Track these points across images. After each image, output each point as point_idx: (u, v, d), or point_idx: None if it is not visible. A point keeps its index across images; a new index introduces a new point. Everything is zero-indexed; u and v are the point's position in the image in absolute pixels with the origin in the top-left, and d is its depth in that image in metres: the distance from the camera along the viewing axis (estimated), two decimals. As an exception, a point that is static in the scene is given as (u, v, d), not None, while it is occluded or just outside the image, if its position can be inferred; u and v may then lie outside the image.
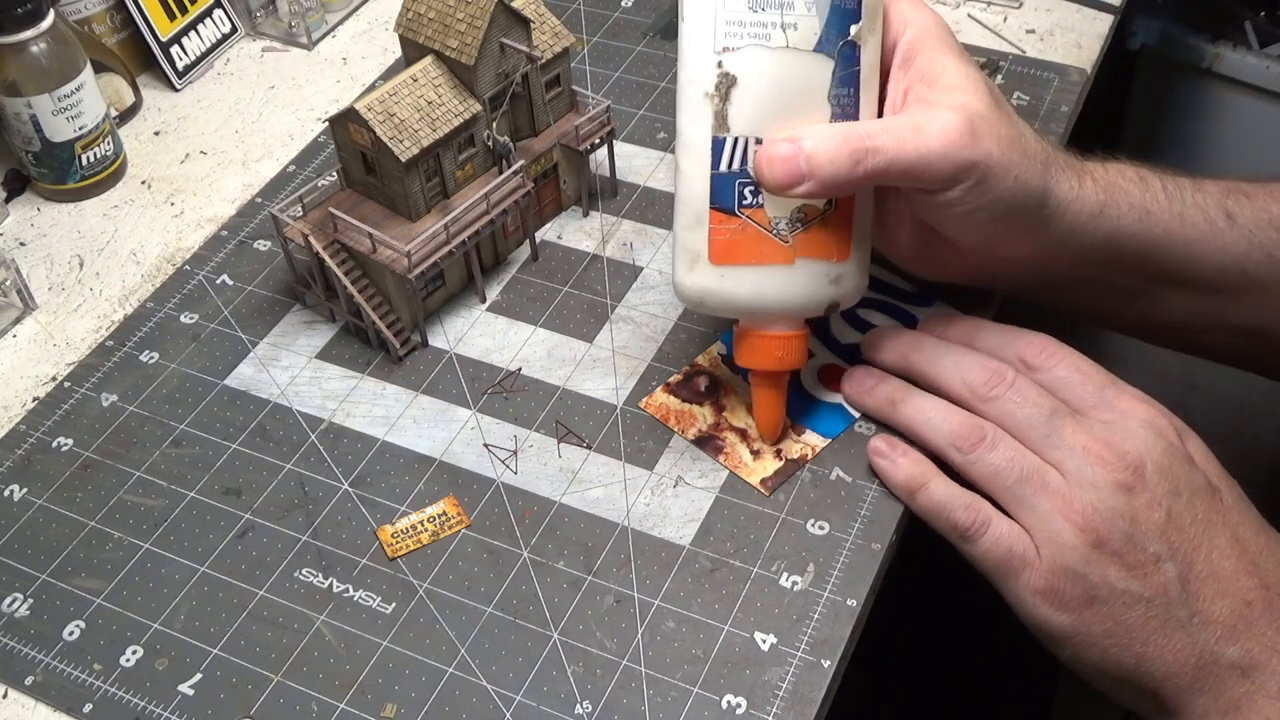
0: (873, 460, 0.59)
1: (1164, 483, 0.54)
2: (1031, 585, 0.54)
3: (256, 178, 0.80)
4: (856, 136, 0.53)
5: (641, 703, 0.53)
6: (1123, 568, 0.53)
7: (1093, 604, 0.53)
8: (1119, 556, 0.53)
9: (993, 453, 0.56)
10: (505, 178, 0.68)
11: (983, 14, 0.88)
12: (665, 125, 0.81)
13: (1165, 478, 0.54)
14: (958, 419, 0.57)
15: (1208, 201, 0.61)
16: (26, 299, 0.72)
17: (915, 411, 0.59)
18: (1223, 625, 0.53)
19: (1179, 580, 0.53)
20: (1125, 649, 0.53)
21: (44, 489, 0.62)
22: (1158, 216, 0.60)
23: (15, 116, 0.76)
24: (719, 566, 0.57)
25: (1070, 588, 0.53)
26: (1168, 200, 0.60)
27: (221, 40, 0.90)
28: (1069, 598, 0.54)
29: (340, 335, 0.69)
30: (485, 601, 0.56)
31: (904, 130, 0.53)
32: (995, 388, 0.57)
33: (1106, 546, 0.53)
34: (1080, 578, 0.53)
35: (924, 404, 0.59)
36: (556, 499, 0.60)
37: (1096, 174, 0.59)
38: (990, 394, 0.57)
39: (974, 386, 0.58)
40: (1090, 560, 0.53)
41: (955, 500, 0.56)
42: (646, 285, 0.70)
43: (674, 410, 0.64)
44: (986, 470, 0.56)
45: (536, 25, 0.68)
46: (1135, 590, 0.53)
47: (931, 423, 0.58)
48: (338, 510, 0.60)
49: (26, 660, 0.56)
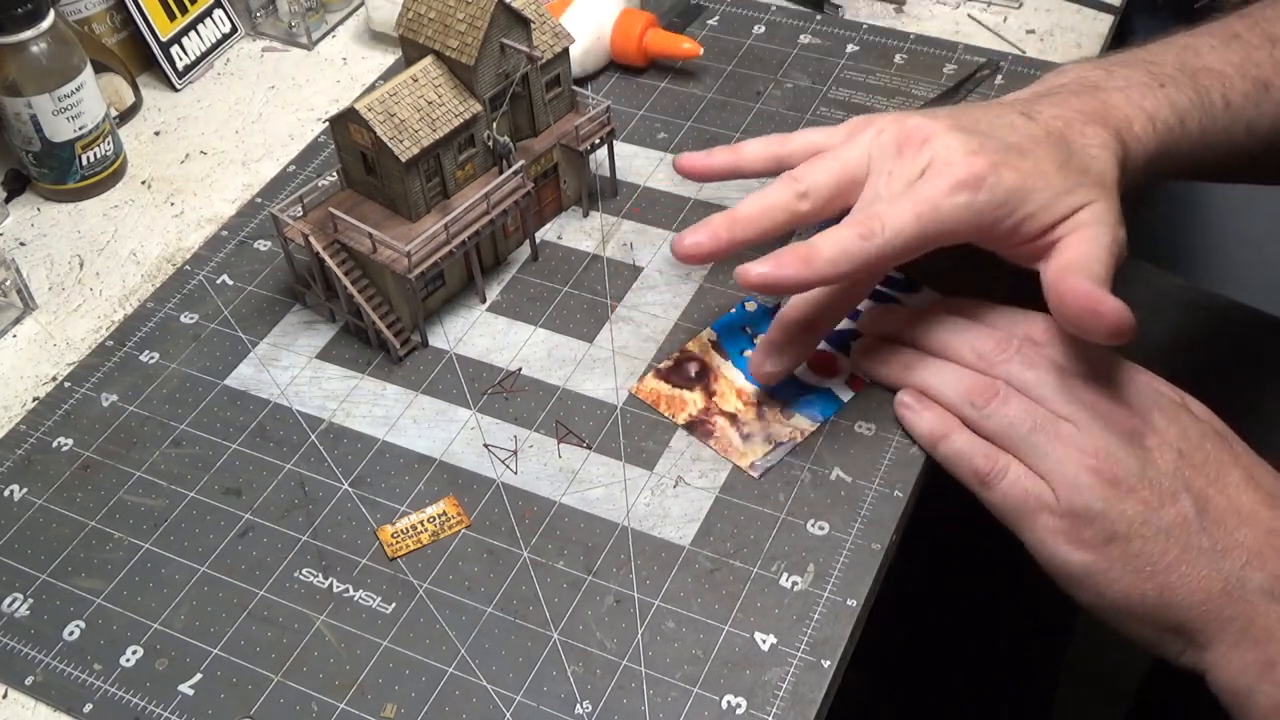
0: (899, 413, 0.61)
1: (1172, 428, 0.56)
2: (1049, 527, 0.55)
3: (256, 178, 0.80)
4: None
5: (641, 703, 0.53)
6: (1139, 502, 0.54)
7: (1112, 540, 0.54)
8: (1134, 492, 0.54)
9: (1006, 406, 0.57)
10: (505, 178, 0.68)
11: (983, 14, 0.88)
12: (665, 125, 0.81)
13: (1173, 424, 0.56)
14: (971, 378, 0.59)
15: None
16: (26, 299, 0.72)
17: (930, 374, 0.60)
18: (1248, 551, 0.53)
19: (1197, 511, 0.54)
20: (1148, 580, 0.54)
21: (44, 489, 0.62)
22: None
23: (15, 116, 0.76)
24: (719, 566, 0.57)
25: (1088, 526, 0.54)
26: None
27: (221, 40, 0.90)
28: (1088, 536, 0.54)
29: (340, 335, 0.69)
30: (485, 601, 0.56)
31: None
32: (1004, 352, 0.59)
33: (1122, 484, 0.54)
34: (1098, 515, 0.54)
35: (938, 366, 0.60)
36: (556, 499, 0.60)
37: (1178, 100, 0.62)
38: (1000, 358, 0.59)
39: (983, 353, 0.59)
40: (1107, 498, 0.54)
41: (976, 449, 0.58)
42: (646, 285, 0.70)
43: (664, 395, 0.64)
44: (1001, 423, 0.57)
45: (536, 25, 0.68)
46: (1154, 522, 0.54)
47: (946, 382, 0.59)
48: (338, 510, 0.60)
49: (26, 660, 0.56)
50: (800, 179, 0.60)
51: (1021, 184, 0.57)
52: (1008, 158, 0.57)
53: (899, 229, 0.56)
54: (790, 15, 0.89)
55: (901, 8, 0.89)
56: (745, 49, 0.86)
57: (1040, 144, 0.58)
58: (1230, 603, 0.53)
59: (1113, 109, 0.61)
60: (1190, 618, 0.53)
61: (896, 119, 0.60)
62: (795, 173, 0.60)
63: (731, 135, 0.79)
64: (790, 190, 0.60)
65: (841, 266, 0.56)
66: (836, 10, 0.89)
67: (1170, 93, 0.63)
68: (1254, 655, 0.52)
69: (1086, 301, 0.54)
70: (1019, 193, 0.57)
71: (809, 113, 0.81)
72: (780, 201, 0.59)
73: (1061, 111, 0.61)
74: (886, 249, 0.56)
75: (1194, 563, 0.53)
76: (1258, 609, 0.53)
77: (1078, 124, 0.60)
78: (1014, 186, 0.57)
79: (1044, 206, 0.57)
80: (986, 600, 0.92)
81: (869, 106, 0.81)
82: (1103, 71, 0.64)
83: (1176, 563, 0.53)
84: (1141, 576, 0.54)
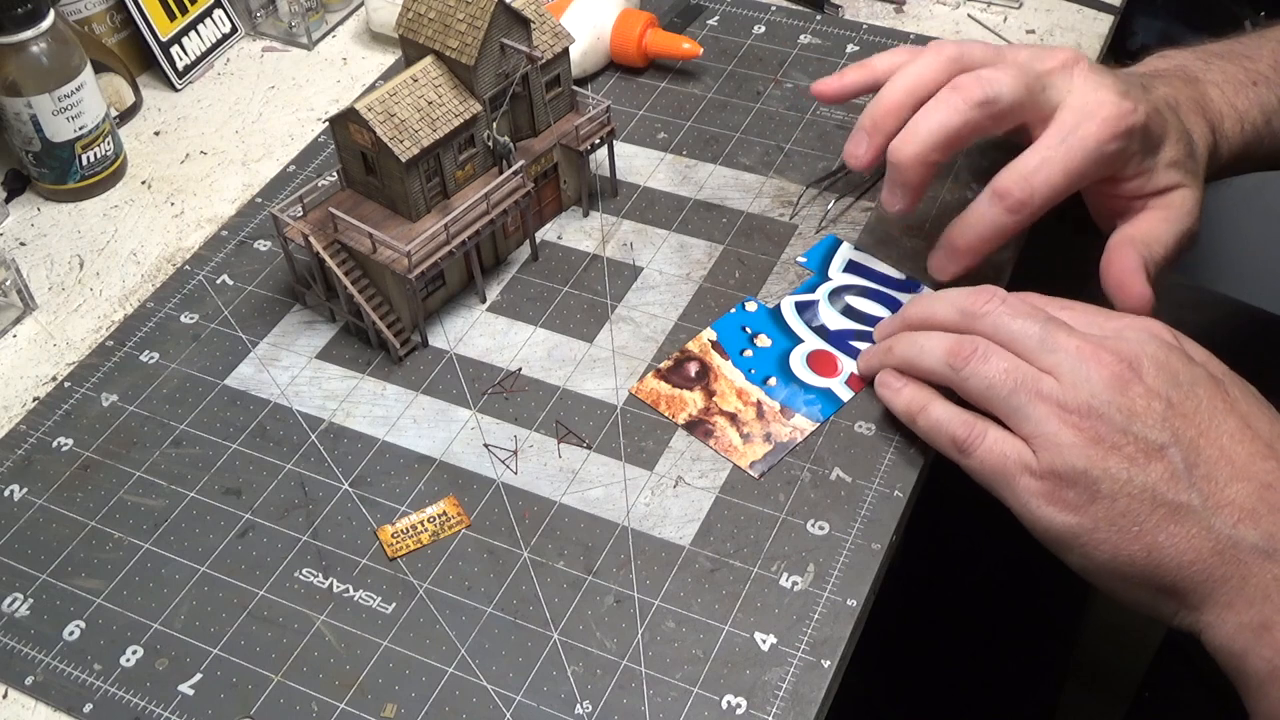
0: (880, 394, 0.61)
1: (1162, 375, 0.53)
2: (1031, 489, 0.54)
3: (256, 178, 0.80)
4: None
5: (641, 703, 0.53)
6: (1123, 459, 0.52)
7: (1096, 500, 0.52)
8: (1118, 449, 0.52)
9: (985, 365, 0.55)
10: (505, 178, 0.68)
11: (983, 14, 0.88)
12: (665, 125, 0.81)
13: (1163, 370, 0.53)
14: (950, 339, 0.58)
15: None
16: (26, 299, 0.72)
17: (909, 344, 0.60)
18: (1240, 508, 0.51)
19: (1185, 466, 0.51)
20: (1135, 541, 0.52)
21: (44, 489, 0.62)
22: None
23: (15, 116, 0.76)
24: (719, 566, 0.57)
25: (1071, 486, 0.52)
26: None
27: (221, 40, 0.90)
28: (1071, 497, 0.53)
29: (340, 335, 0.69)
30: (485, 601, 0.56)
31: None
32: (987, 304, 0.57)
33: (1105, 441, 0.52)
34: (1080, 474, 0.52)
35: (917, 336, 0.60)
36: (556, 499, 0.60)
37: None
38: (983, 310, 0.57)
39: (965, 307, 0.58)
40: (1089, 456, 0.52)
41: (953, 417, 0.57)
42: (646, 285, 0.70)
43: (664, 396, 0.64)
44: (981, 383, 0.56)
45: (536, 25, 0.68)
46: (1139, 480, 0.51)
47: (925, 349, 0.58)
48: (338, 510, 0.60)
49: (26, 660, 0.56)
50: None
51: (1157, 127, 0.59)
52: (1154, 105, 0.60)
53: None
54: (790, 15, 0.89)
55: (901, 8, 0.89)
56: (745, 49, 0.86)
57: (1161, 112, 0.60)
58: (1221, 562, 0.50)
59: (1210, 103, 0.63)
60: (1180, 578, 0.51)
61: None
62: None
63: (732, 135, 0.79)
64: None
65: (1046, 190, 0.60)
66: (836, 10, 0.89)
67: (1261, 92, 0.64)
68: (1248, 617, 0.50)
69: (1122, 275, 0.55)
70: (1153, 134, 0.59)
71: (809, 113, 0.81)
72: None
73: (1173, 91, 0.62)
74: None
75: (1182, 521, 0.51)
76: (1251, 568, 0.50)
77: (1185, 107, 0.61)
78: (1151, 126, 0.59)
79: (1161, 160, 0.59)
80: (987, 600, 0.92)
81: (869, 106, 0.81)
82: (1202, 63, 0.66)
83: (1164, 522, 0.51)
84: (1128, 537, 0.52)
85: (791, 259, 0.71)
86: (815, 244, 0.72)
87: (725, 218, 0.74)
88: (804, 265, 0.70)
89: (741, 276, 0.70)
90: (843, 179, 0.75)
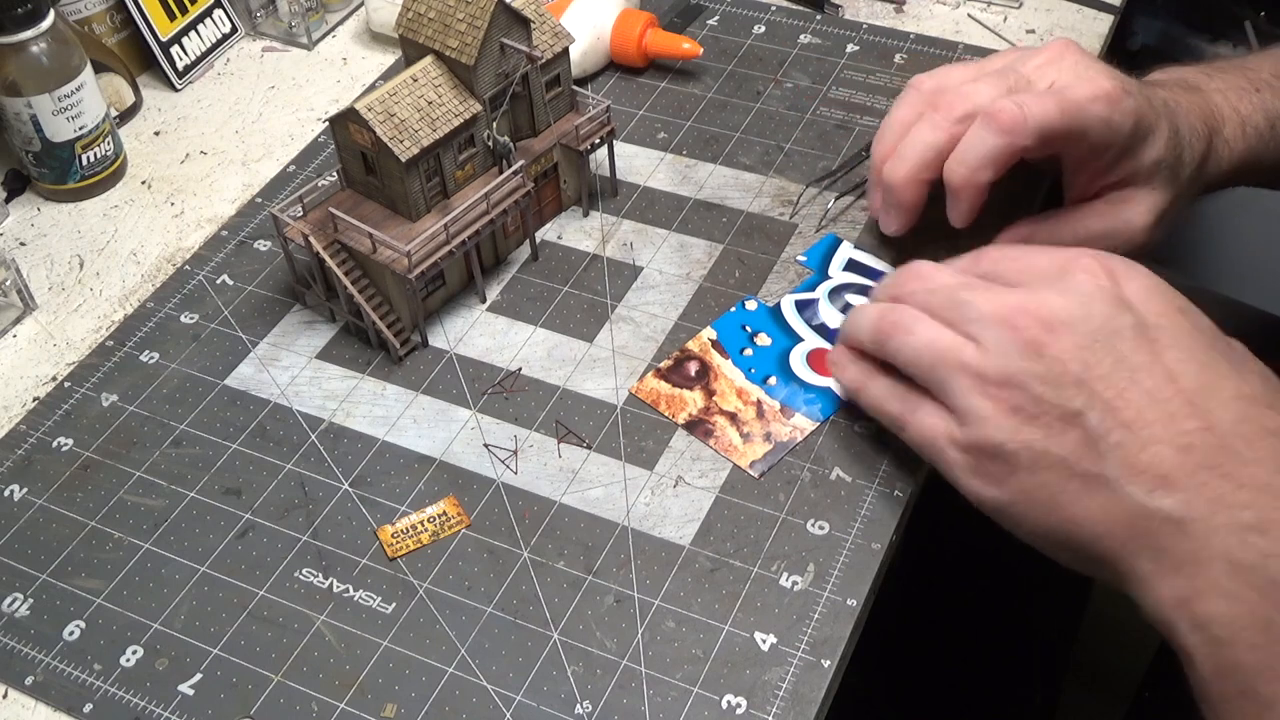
0: (833, 374, 0.62)
1: (1078, 333, 0.51)
2: (958, 463, 0.53)
3: (256, 178, 0.80)
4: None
5: (641, 703, 0.53)
6: (1039, 429, 0.50)
7: (1016, 472, 0.51)
8: (1035, 419, 0.50)
9: (910, 337, 0.55)
10: (505, 178, 0.68)
11: (983, 14, 0.88)
12: (665, 125, 0.81)
13: (1082, 326, 0.51)
14: (878, 313, 0.57)
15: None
16: (26, 299, 0.72)
17: (847, 324, 0.60)
18: (1153, 475, 0.48)
19: (1101, 432, 0.49)
20: (1051, 514, 0.51)
21: (44, 489, 0.62)
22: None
23: (15, 116, 0.76)
24: (719, 566, 0.57)
25: (992, 459, 0.52)
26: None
27: (221, 40, 0.90)
28: (993, 470, 0.52)
29: (340, 335, 0.69)
30: (485, 601, 0.56)
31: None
32: (910, 282, 0.57)
33: (1022, 411, 0.51)
34: (999, 447, 0.51)
35: (856, 310, 0.60)
36: (556, 499, 0.60)
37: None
38: (906, 287, 0.57)
39: (891, 287, 0.58)
40: (1007, 428, 0.51)
41: (890, 393, 0.57)
42: (646, 285, 0.70)
43: (664, 395, 0.64)
44: (908, 356, 0.55)
45: (536, 25, 0.68)
46: (1054, 451, 0.50)
47: (857, 325, 0.59)
48: (338, 510, 0.60)
49: (26, 660, 0.56)
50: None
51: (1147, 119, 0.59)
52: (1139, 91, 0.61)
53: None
54: (790, 15, 0.89)
55: (901, 8, 0.89)
56: (745, 49, 0.86)
57: (1155, 109, 0.61)
58: (1135, 534, 0.48)
59: (1213, 109, 0.63)
60: (1100, 549, 0.50)
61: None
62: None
63: (732, 135, 0.79)
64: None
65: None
66: (836, 10, 0.89)
67: (1265, 97, 0.64)
68: (1168, 590, 0.48)
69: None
70: (1143, 125, 0.59)
71: (809, 113, 0.81)
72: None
73: (1173, 96, 0.63)
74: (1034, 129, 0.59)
75: (1095, 493, 0.49)
76: (1166, 539, 0.48)
77: (1184, 112, 0.62)
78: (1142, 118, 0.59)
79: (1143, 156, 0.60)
80: (987, 600, 0.92)
81: (869, 107, 0.81)
82: (1204, 75, 0.66)
83: (1078, 494, 0.50)
84: (1047, 510, 0.51)
85: (791, 258, 0.71)
86: (815, 243, 0.72)
87: (725, 217, 0.74)
88: (804, 264, 0.70)
89: (741, 276, 0.70)
90: (842, 178, 0.75)
